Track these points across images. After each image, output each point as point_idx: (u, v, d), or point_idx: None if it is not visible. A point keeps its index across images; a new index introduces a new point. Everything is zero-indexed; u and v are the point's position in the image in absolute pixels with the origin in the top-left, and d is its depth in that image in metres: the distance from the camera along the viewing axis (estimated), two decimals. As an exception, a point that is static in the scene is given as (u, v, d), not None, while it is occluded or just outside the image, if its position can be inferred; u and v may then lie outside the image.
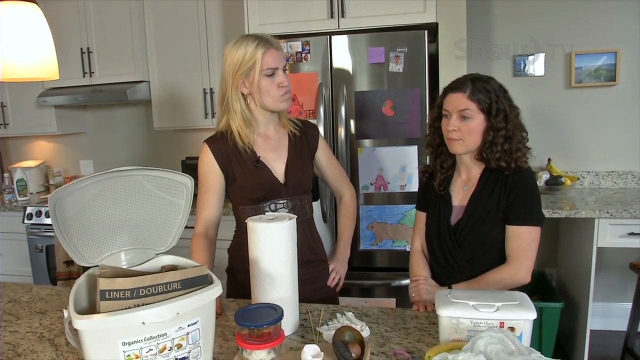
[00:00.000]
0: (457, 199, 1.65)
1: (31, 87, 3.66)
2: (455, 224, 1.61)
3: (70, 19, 3.55)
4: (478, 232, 1.56)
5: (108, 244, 1.11)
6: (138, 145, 4.05)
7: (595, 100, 3.16)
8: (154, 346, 0.94)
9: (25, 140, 4.28)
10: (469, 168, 1.64)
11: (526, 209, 1.52)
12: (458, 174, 1.67)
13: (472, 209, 1.58)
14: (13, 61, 1.13)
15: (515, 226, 1.53)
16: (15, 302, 1.61)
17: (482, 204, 1.57)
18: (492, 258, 1.56)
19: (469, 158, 1.61)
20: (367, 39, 2.63)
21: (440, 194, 1.67)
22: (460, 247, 1.59)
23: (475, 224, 1.56)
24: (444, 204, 1.65)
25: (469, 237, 1.57)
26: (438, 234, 1.64)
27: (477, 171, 1.62)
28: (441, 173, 1.67)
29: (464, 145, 1.56)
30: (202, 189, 1.66)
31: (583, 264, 2.71)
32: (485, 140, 1.54)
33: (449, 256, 1.61)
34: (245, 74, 1.57)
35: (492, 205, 1.55)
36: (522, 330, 1.11)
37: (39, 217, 3.44)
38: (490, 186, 1.57)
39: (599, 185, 3.20)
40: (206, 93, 3.39)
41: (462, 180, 1.65)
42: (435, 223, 1.67)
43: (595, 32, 3.09)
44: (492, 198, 1.56)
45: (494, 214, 1.55)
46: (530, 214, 1.53)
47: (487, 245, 1.56)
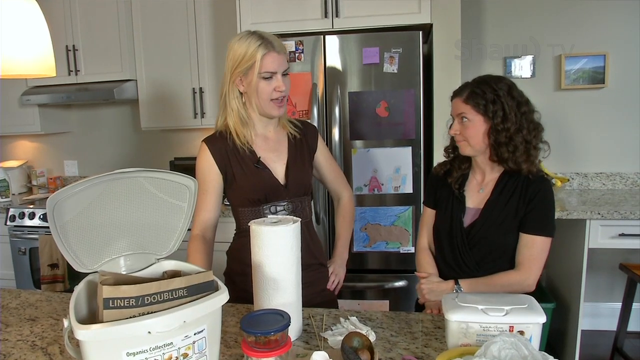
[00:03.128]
0: (471, 201, 1.64)
1: (14, 85, 3.56)
2: (468, 225, 1.61)
3: (54, 14, 3.45)
4: (491, 236, 1.56)
5: (108, 249, 1.06)
6: (125, 146, 3.97)
7: (584, 102, 3.18)
8: (159, 356, 0.90)
9: (8, 139, 4.16)
10: (484, 170, 1.64)
11: (543, 219, 1.53)
12: (473, 174, 1.68)
13: (489, 214, 1.58)
14: (11, 57, 1.08)
15: (530, 235, 1.53)
16: (4, 309, 1.54)
17: (499, 209, 1.56)
18: (501, 264, 1.56)
19: (484, 159, 1.62)
20: (362, 39, 2.61)
21: (455, 192, 1.66)
22: (471, 249, 1.58)
23: (490, 229, 1.56)
24: (458, 204, 1.64)
25: (482, 240, 1.57)
26: (450, 233, 1.64)
27: (493, 174, 1.62)
28: (457, 172, 1.68)
29: (469, 146, 1.58)
30: (200, 190, 1.61)
31: (574, 265, 2.72)
32: (490, 141, 1.54)
33: (458, 257, 1.60)
34: (243, 73, 1.54)
35: (510, 212, 1.55)
36: (531, 333, 1.10)
37: (22, 219, 3.35)
38: (509, 192, 1.57)
39: (588, 186, 3.23)
40: (195, 92, 3.33)
41: (477, 182, 1.65)
42: (447, 222, 1.66)
43: (585, 34, 3.12)
44: (510, 205, 1.56)
45: (510, 221, 1.55)
46: (546, 224, 1.54)
47: (499, 251, 1.56)
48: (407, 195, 2.66)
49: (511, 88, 1.56)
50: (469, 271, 1.59)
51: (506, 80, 1.58)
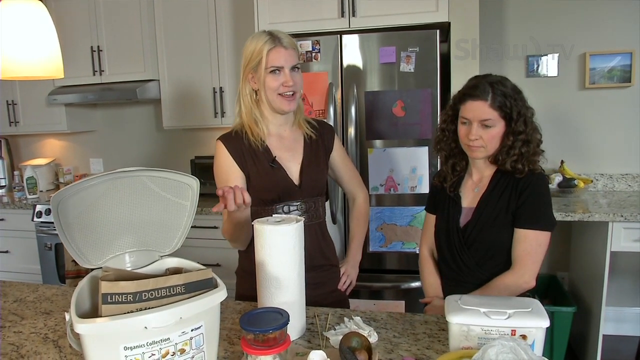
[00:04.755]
0: (467, 201, 1.62)
1: (41, 85, 3.67)
2: (464, 225, 1.58)
3: (80, 17, 3.55)
4: (486, 234, 1.53)
5: (112, 246, 1.09)
6: (147, 144, 4.05)
7: (609, 101, 3.10)
8: (156, 351, 0.92)
9: (36, 138, 4.30)
10: (481, 170, 1.61)
11: (535, 213, 1.49)
12: (469, 175, 1.65)
13: (481, 211, 1.55)
14: (17, 59, 1.12)
15: (522, 229, 1.49)
16: (21, 302, 1.60)
17: (492, 206, 1.54)
18: (501, 261, 1.53)
19: (483, 161, 1.58)
20: (378, 39, 2.60)
21: (450, 195, 1.64)
22: (468, 249, 1.56)
23: (484, 226, 1.53)
24: (453, 205, 1.62)
25: (478, 239, 1.54)
26: (447, 235, 1.62)
27: (488, 172, 1.58)
28: (453, 175, 1.65)
29: (485, 151, 1.53)
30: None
31: (596, 268, 2.66)
32: (504, 144, 1.51)
33: (457, 258, 1.58)
34: (254, 69, 1.57)
35: (502, 208, 1.52)
36: (534, 338, 1.08)
37: (48, 215, 3.45)
38: (501, 188, 1.54)
39: (613, 188, 3.14)
40: (216, 92, 3.38)
41: (473, 181, 1.63)
42: (444, 224, 1.64)
43: (610, 32, 3.03)
44: (502, 200, 1.53)
45: (503, 217, 1.52)
46: (539, 217, 1.49)
47: (496, 248, 1.53)
48: (423, 195, 2.63)
49: (518, 89, 1.53)
50: (469, 271, 1.56)
51: (509, 80, 1.54)
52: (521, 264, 1.49)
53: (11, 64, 1.11)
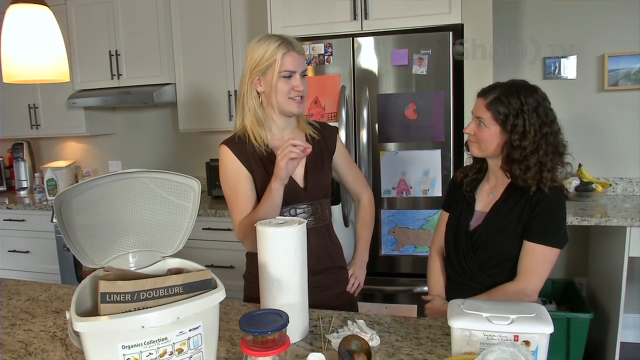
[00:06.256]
0: (481, 204, 1.60)
1: (62, 89, 3.74)
2: (473, 229, 1.57)
3: (99, 22, 3.62)
4: (494, 241, 1.51)
5: (115, 246, 1.11)
6: (164, 147, 4.10)
7: (629, 103, 3.03)
8: (154, 350, 0.93)
9: (56, 140, 4.39)
10: (497, 175, 1.59)
11: (547, 229, 1.46)
12: (487, 179, 1.63)
13: (493, 217, 1.53)
14: (24, 62, 1.14)
15: (531, 243, 1.47)
16: (33, 301, 1.63)
17: (504, 214, 1.52)
18: (505, 270, 1.51)
19: (495, 165, 1.57)
20: (391, 41, 2.59)
21: (465, 195, 1.63)
22: (474, 253, 1.54)
23: (492, 233, 1.51)
24: (467, 207, 1.61)
25: (484, 244, 1.53)
26: (455, 236, 1.61)
27: (505, 179, 1.56)
28: (472, 172, 1.65)
29: (479, 148, 1.54)
30: (238, 190, 1.58)
31: (613, 274, 2.60)
32: (511, 155, 1.48)
33: (462, 260, 1.57)
34: (262, 72, 1.56)
35: (514, 218, 1.50)
36: (537, 344, 1.06)
37: (67, 216, 3.51)
38: (516, 198, 1.51)
39: (633, 192, 3.07)
40: (230, 95, 3.41)
41: (490, 186, 1.61)
42: (454, 224, 1.64)
43: (632, 33, 2.97)
44: (515, 210, 1.50)
45: (513, 226, 1.49)
46: (550, 234, 1.46)
47: (501, 256, 1.51)
48: (436, 198, 2.62)
49: (540, 105, 1.47)
50: (472, 275, 1.55)
51: (540, 93, 1.49)
52: (525, 277, 1.46)
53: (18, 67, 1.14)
